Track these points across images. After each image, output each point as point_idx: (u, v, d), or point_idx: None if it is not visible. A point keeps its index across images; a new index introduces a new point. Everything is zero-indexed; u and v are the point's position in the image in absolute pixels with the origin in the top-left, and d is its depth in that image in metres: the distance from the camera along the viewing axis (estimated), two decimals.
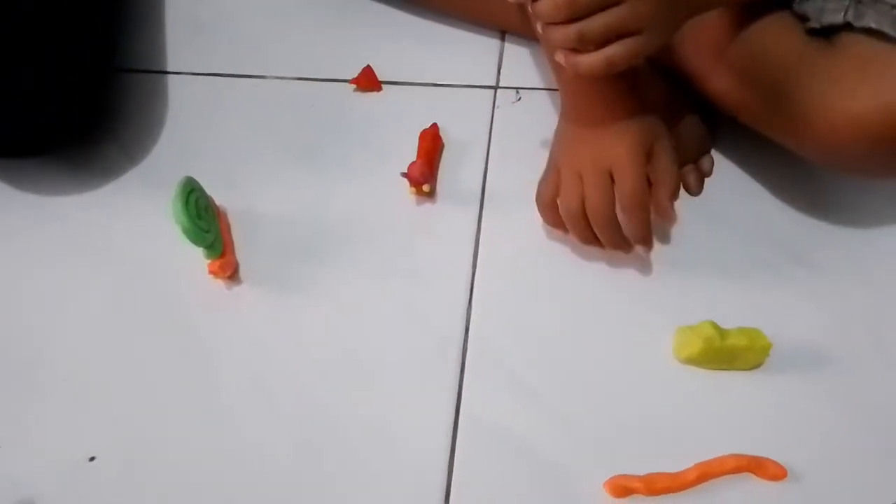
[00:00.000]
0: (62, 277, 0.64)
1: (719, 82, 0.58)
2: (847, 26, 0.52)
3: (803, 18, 0.54)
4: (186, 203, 0.60)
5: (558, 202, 0.58)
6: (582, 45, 0.47)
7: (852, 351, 0.57)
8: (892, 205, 0.63)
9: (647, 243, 0.58)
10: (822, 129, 0.52)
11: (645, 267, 0.61)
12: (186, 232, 0.59)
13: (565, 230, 0.59)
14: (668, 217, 0.58)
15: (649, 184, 0.56)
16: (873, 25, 0.50)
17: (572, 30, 0.46)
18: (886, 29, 0.50)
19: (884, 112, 0.49)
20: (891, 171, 0.56)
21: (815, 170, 0.63)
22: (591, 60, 0.47)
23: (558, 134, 0.61)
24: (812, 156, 0.56)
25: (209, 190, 0.64)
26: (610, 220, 0.56)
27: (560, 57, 0.48)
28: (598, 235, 0.58)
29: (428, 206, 0.65)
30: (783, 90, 0.54)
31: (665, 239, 0.62)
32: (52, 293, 0.63)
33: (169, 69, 0.75)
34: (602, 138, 0.55)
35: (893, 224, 0.63)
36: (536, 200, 0.60)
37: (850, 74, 0.51)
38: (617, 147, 0.55)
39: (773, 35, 0.56)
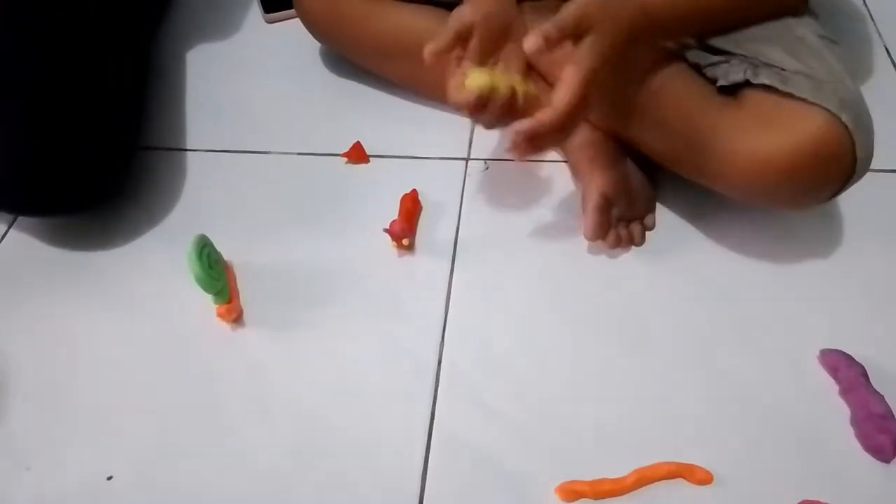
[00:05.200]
0: (90, 319, 0.70)
1: (643, 133, 0.67)
2: (747, 83, 0.61)
3: (713, 80, 0.64)
4: (199, 256, 0.66)
5: None
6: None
7: (770, 374, 0.63)
8: (801, 251, 0.71)
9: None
10: (735, 170, 0.61)
11: (590, 303, 0.68)
12: (199, 280, 0.65)
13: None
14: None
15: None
16: (766, 82, 0.60)
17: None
18: (777, 85, 0.59)
19: (781, 154, 0.58)
20: (795, 201, 0.65)
21: (738, 225, 0.71)
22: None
23: None
24: (730, 192, 0.64)
25: (219, 247, 0.70)
26: None
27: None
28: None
29: (408, 257, 0.72)
30: (700, 139, 0.62)
31: (609, 280, 0.70)
32: (81, 333, 0.69)
33: (188, 147, 0.84)
34: None
35: (803, 269, 0.70)
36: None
37: (754, 125, 0.60)
38: None
39: (688, 91, 0.64)
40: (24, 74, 0.73)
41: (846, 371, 0.61)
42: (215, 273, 0.68)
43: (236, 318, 0.69)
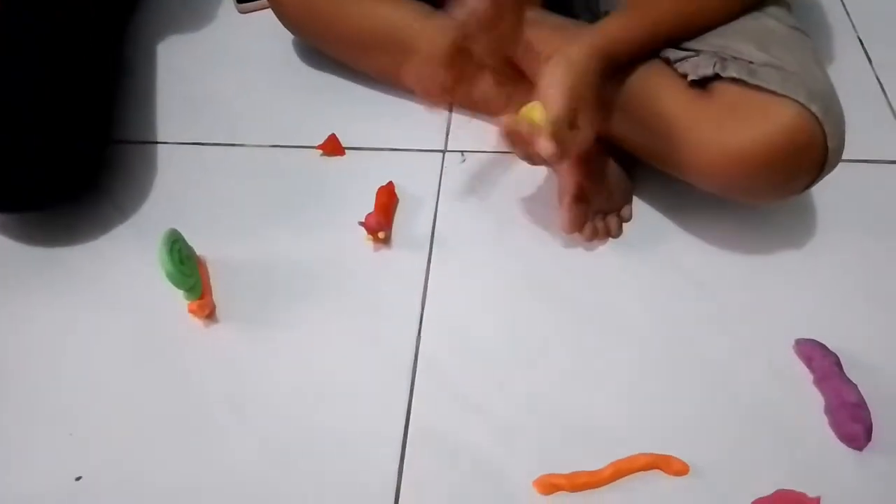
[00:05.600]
0: (59, 316, 0.69)
1: (619, 128, 0.67)
2: (717, 77, 0.62)
3: (683, 75, 0.64)
4: (170, 251, 0.65)
5: None
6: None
7: (746, 364, 0.63)
8: (776, 242, 0.71)
9: None
10: (707, 163, 0.61)
11: (567, 295, 0.68)
12: (170, 276, 0.64)
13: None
14: None
15: None
16: (735, 75, 0.60)
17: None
18: (745, 77, 0.60)
19: (752, 146, 0.59)
20: (769, 193, 0.65)
21: (714, 217, 0.71)
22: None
23: None
24: (703, 185, 0.65)
25: (192, 242, 0.69)
26: None
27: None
28: None
29: (384, 251, 0.72)
30: (673, 132, 0.63)
31: (586, 273, 0.69)
32: (50, 330, 0.68)
33: (159, 139, 0.82)
34: None
35: (777, 260, 0.70)
36: None
37: (724, 118, 0.60)
38: None
39: (661, 87, 0.65)
40: (24, 74, 0.72)
41: (820, 360, 0.62)
42: (187, 269, 0.67)
43: (209, 314, 0.68)
